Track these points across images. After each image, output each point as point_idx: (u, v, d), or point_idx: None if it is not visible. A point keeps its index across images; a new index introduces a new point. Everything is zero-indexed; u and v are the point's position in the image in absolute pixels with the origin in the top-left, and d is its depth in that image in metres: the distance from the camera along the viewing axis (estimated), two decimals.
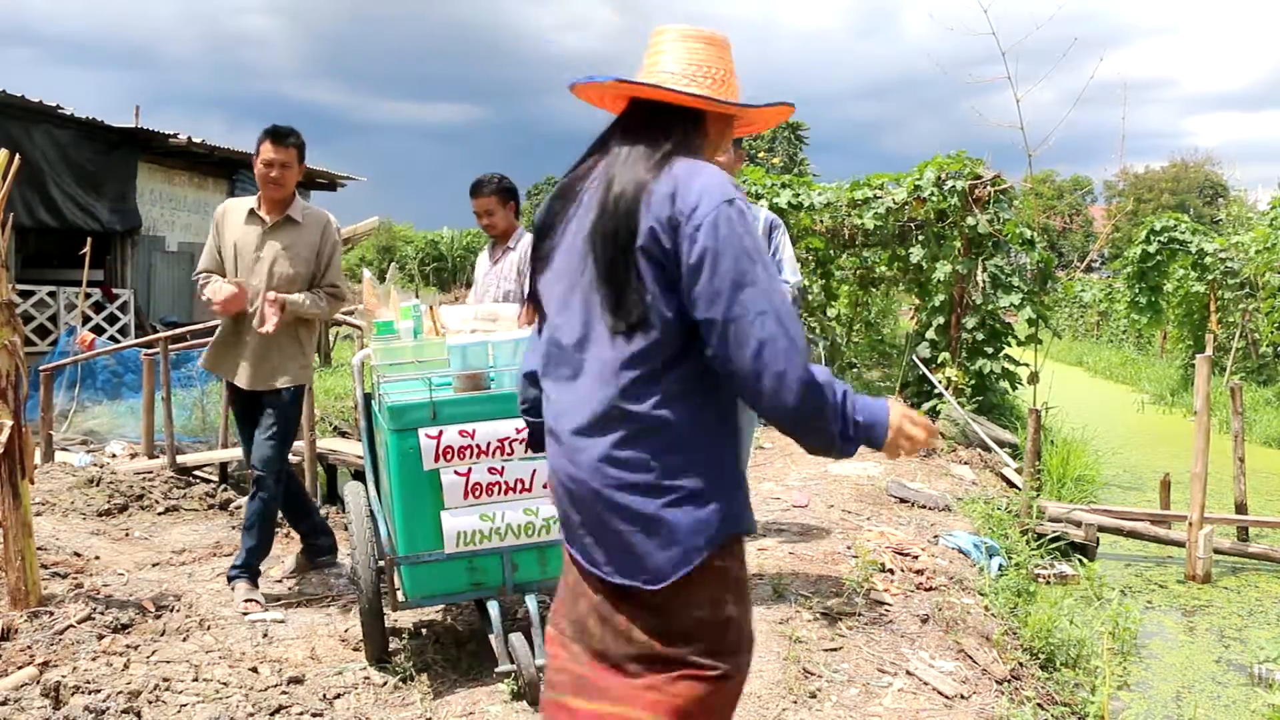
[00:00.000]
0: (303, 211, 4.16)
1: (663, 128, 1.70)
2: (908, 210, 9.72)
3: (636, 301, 1.59)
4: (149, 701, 2.96)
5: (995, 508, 6.19)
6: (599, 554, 1.68)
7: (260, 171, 4.03)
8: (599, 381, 1.65)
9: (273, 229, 4.09)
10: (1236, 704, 4.13)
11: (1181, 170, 48.88)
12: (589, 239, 1.66)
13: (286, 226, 4.11)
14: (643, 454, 1.63)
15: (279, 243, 4.08)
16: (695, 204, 1.57)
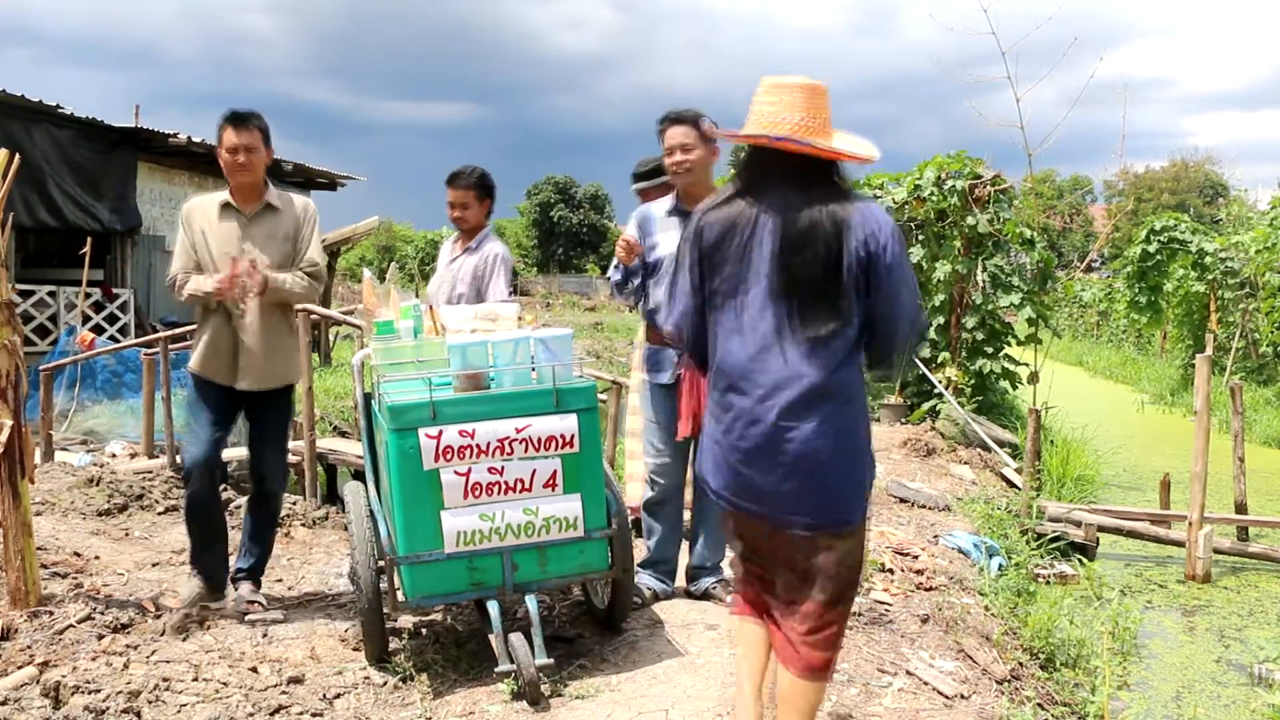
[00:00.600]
0: (279, 197, 3.92)
1: (822, 172, 2.26)
2: (908, 210, 9.73)
3: (843, 302, 2.17)
4: (149, 701, 2.96)
5: (995, 508, 6.19)
6: (796, 505, 2.22)
7: (226, 160, 3.79)
8: (807, 365, 2.18)
9: (253, 220, 3.84)
10: (1236, 704, 4.13)
11: (1182, 170, 48.89)
12: (783, 259, 2.20)
13: (267, 215, 3.87)
14: (847, 423, 2.22)
15: (263, 232, 3.84)
16: (882, 227, 2.21)
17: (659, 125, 3.81)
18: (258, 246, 3.81)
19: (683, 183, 3.77)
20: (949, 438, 8.16)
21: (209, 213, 3.84)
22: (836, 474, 2.21)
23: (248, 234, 3.81)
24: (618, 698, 3.07)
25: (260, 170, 3.84)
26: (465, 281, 4.31)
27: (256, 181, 3.84)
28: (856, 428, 2.25)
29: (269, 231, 3.85)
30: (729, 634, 3.59)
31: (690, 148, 3.71)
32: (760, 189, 2.28)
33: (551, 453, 3.23)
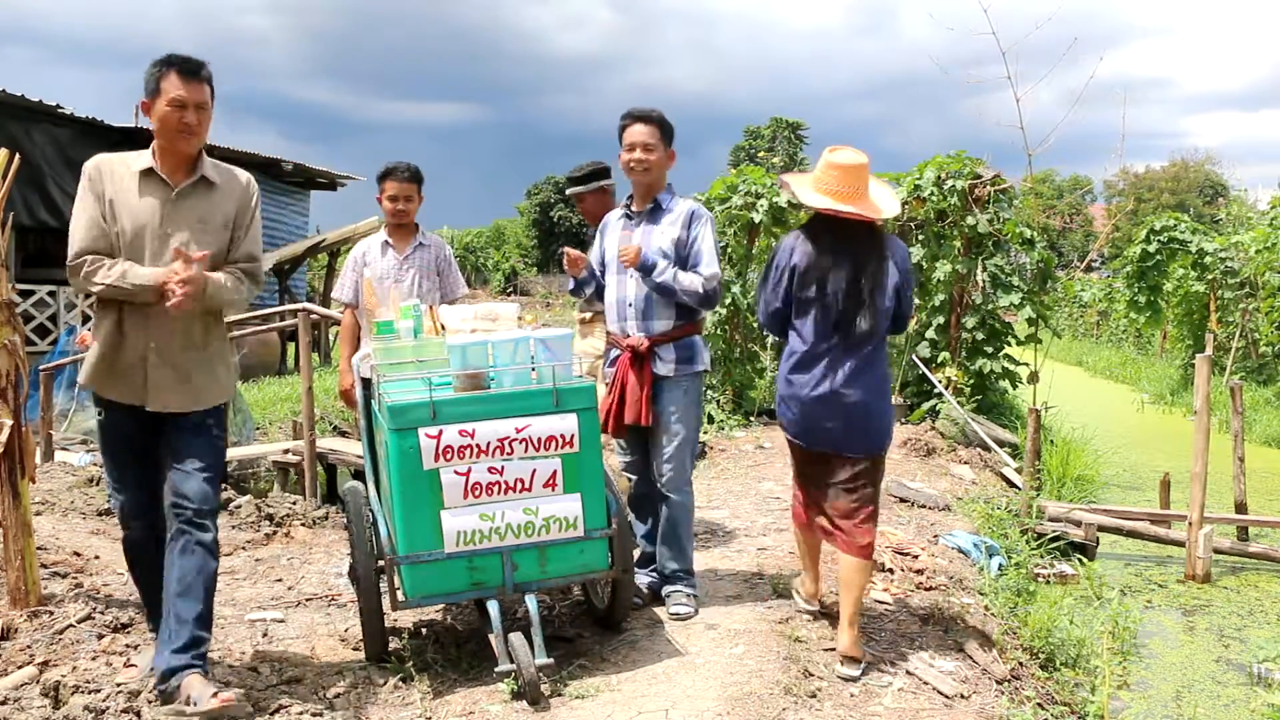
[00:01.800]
0: (216, 170, 3.14)
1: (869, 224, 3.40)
2: (908, 210, 9.72)
3: (885, 307, 3.37)
4: (148, 701, 2.96)
5: (995, 507, 6.19)
6: (851, 440, 3.41)
7: (166, 116, 2.96)
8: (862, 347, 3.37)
9: (181, 196, 3.03)
10: (1236, 703, 4.13)
11: (1181, 170, 48.88)
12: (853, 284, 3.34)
13: (200, 193, 3.07)
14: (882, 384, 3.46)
15: (194, 213, 3.04)
16: (903, 252, 3.46)
17: (621, 121, 3.81)
18: (185, 231, 3.00)
19: (640, 180, 3.79)
20: (949, 437, 8.16)
21: (122, 179, 3.01)
22: (876, 419, 3.43)
23: (173, 214, 3.00)
24: (618, 698, 3.07)
25: (205, 135, 3.07)
26: (429, 276, 4.42)
27: (196, 149, 3.07)
28: (885, 389, 3.49)
29: (201, 214, 3.05)
30: (729, 634, 3.59)
31: (652, 147, 3.74)
32: (830, 235, 3.39)
33: (551, 452, 3.23)
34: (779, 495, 6.07)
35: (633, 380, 3.75)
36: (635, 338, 3.77)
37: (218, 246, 3.06)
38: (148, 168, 3.01)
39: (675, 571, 3.87)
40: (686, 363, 3.79)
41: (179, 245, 2.94)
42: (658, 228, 3.79)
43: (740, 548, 4.83)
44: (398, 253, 4.43)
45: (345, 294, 4.53)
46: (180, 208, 3.03)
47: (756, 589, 4.13)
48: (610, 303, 3.88)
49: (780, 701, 3.02)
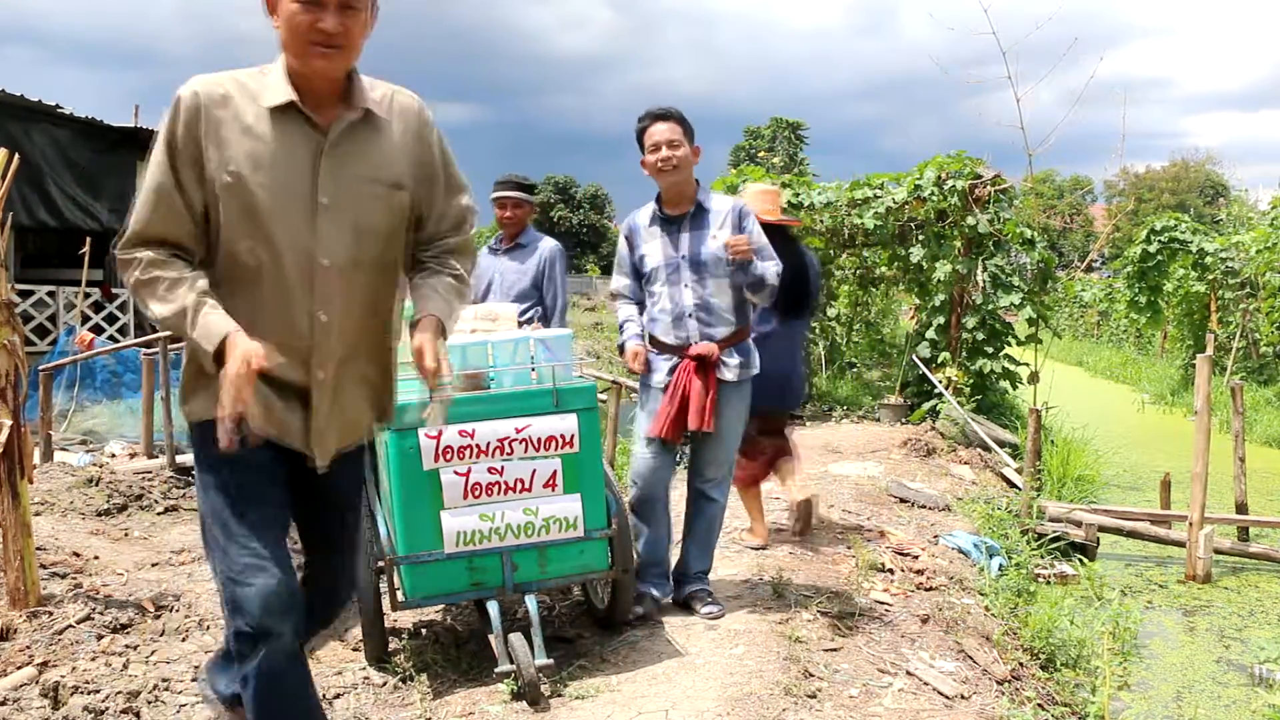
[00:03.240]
0: (374, 92, 2.08)
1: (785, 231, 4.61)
2: (908, 210, 9.72)
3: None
4: (148, 702, 2.95)
5: (995, 508, 6.19)
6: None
7: (293, 18, 1.93)
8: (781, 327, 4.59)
9: (338, 143, 2.01)
10: (1237, 704, 4.12)
11: (1182, 170, 48.90)
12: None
13: (363, 134, 2.04)
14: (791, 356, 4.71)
15: (358, 168, 2.04)
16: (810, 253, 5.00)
17: (640, 124, 3.68)
18: (349, 200, 2.01)
19: (670, 180, 3.65)
20: (949, 438, 8.15)
21: (245, 118, 1.96)
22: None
23: (329, 174, 1.99)
24: (617, 698, 3.06)
25: (358, 50, 2.00)
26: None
27: (345, 68, 2.00)
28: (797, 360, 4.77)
29: (369, 169, 2.04)
30: (729, 634, 3.58)
31: (677, 144, 3.61)
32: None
33: (551, 453, 3.23)
34: (779, 495, 6.06)
35: (698, 387, 3.65)
36: (703, 345, 3.66)
37: (392, 220, 2.07)
38: (286, 102, 1.95)
39: (699, 573, 3.88)
40: (746, 366, 3.76)
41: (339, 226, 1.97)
42: (708, 232, 3.66)
43: (740, 548, 4.83)
44: None
45: None
46: (338, 161, 1.99)
47: (756, 589, 4.12)
48: (662, 311, 3.73)
49: (780, 702, 3.02)
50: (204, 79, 1.98)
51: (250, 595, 1.98)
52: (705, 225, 3.68)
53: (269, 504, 2.08)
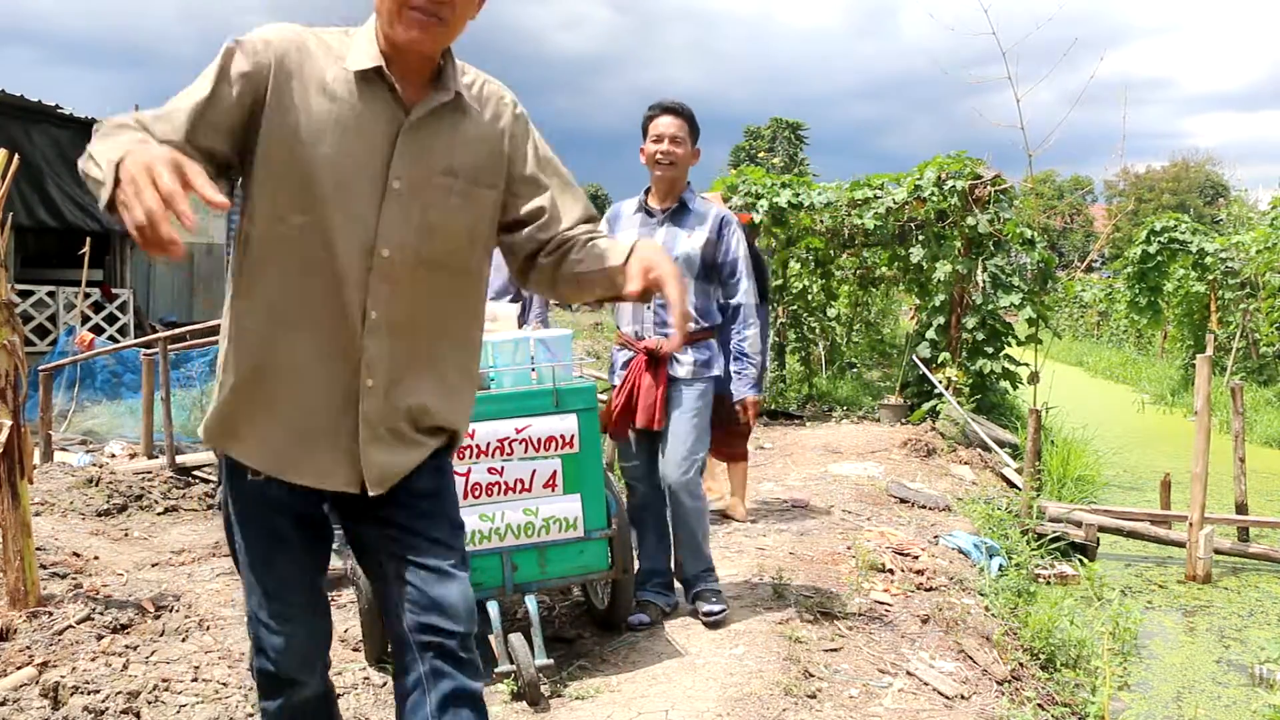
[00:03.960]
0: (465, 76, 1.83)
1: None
2: (908, 210, 9.72)
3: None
4: (148, 702, 2.95)
5: (995, 508, 6.19)
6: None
7: None
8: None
9: (420, 125, 1.74)
10: (1237, 704, 4.12)
11: (1182, 170, 48.93)
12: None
13: (449, 118, 1.78)
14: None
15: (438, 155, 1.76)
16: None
17: (649, 112, 3.68)
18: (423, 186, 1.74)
19: (665, 174, 3.65)
20: (949, 438, 8.15)
21: (327, 72, 1.70)
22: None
23: (405, 154, 1.72)
24: (617, 698, 3.06)
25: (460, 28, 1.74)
26: None
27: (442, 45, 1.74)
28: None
29: (452, 158, 1.77)
30: (729, 634, 3.58)
31: (680, 140, 3.62)
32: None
33: (551, 453, 3.23)
34: (778, 495, 6.07)
35: (647, 382, 3.64)
36: (652, 340, 3.66)
37: (471, 220, 1.80)
38: (373, 67, 1.70)
39: (698, 574, 3.80)
40: (704, 365, 3.70)
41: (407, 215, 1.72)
42: (684, 230, 3.67)
43: (740, 548, 4.83)
44: None
45: None
46: (419, 143, 1.73)
47: (756, 589, 4.12)
48: (625, 305, 3.71)
49: (780, 702, 3.02)
50: (281, 25, 1.73)
51: (277, 644, 1.85)
52: (684, 224, 3.69)
53: (301, 549, 1.85)
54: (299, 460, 1.74)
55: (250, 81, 1.65)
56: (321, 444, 1.73)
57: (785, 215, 10.13)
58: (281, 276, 1.70)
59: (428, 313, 1.79)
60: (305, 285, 1.70)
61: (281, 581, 1.83)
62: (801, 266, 11.26)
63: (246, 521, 1.82)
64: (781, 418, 9.96)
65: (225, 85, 1.63)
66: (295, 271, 1.69)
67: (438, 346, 1.82)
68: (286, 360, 1.71)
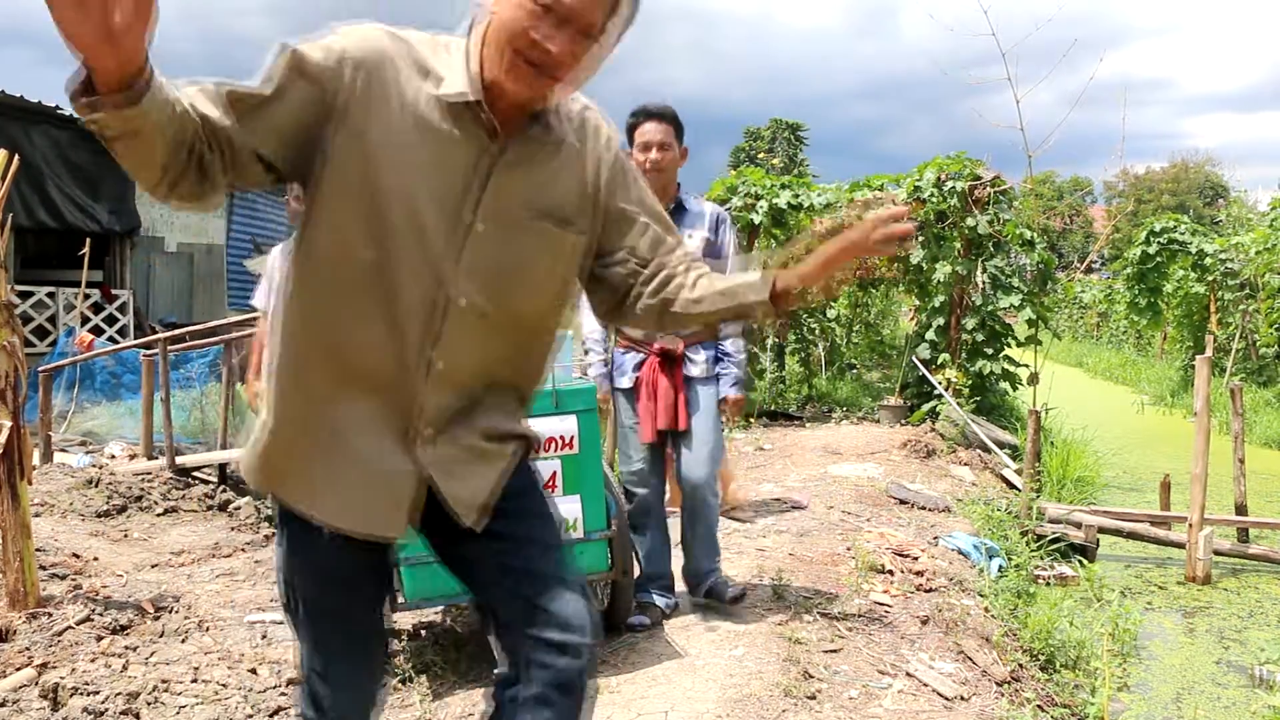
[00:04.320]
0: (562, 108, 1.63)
1: None
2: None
3: None
4: (148, 703, 2.95)
5: (995, 509, 6.19)
6: None
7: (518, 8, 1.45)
8: None
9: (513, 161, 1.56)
10: (1236, 705, 4.12)
11: (1181, 171, 48.94)
12: None
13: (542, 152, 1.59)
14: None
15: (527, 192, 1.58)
16: None
17: (631, 119, 3.58)
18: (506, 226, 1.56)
19: (654, 181, 3.49)
20: (949, 439, 8.16)
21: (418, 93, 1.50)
22: None
23: (493, 189, 1.54)
24: (617, 699, 3.06)
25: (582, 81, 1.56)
26: None
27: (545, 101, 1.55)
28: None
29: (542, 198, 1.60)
30: (729, 635, 3.58)
31: (667, 146, 3.55)
32: None
33: (550, 454, 3.23)
34: (778, 496, 6.07)
35: (664, 384, 3.66)
36: (666, 340, 3.65)
37: (554, 266, 1.64)
38: (464, 98, 1.49)
39: (713, 565, 3.89)
40: (713, 363, 3.74)
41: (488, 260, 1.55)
42: (684, 231, 3.63)
43: (740, 549, 4.83)
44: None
45: (260, 300, 4.18)
46: (510, 182, 1.56)
47: (756, 590, 4.12)
48: None
49: (780, 703, 3.02)
50: (365, 29, 1.51)
51: (338, 703, 1.72)
52: (684, 225, 3.65)
53: (366, 603, 1.73)
54: (353, 507, 1.58)
55: (317, 92, 1.44)
56: (379, 490, 1.58)
57: (785, 216, 10.13)
58: (340, 313, 1.53)
59: (500, 364, 1.64)
60: (369, 322, 1.52)
61: (347, 641, 1.71)
62: None
63: (306, 575, 1.69)
64: (781, 419, 9.96)
65: (285, 90, 1.43)
66: (356, 310, 1.52)
67: (506, 393, 1.68)
68: (340, 405, 1.55)
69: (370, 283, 1.51)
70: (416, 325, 1.53)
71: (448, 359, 1.55)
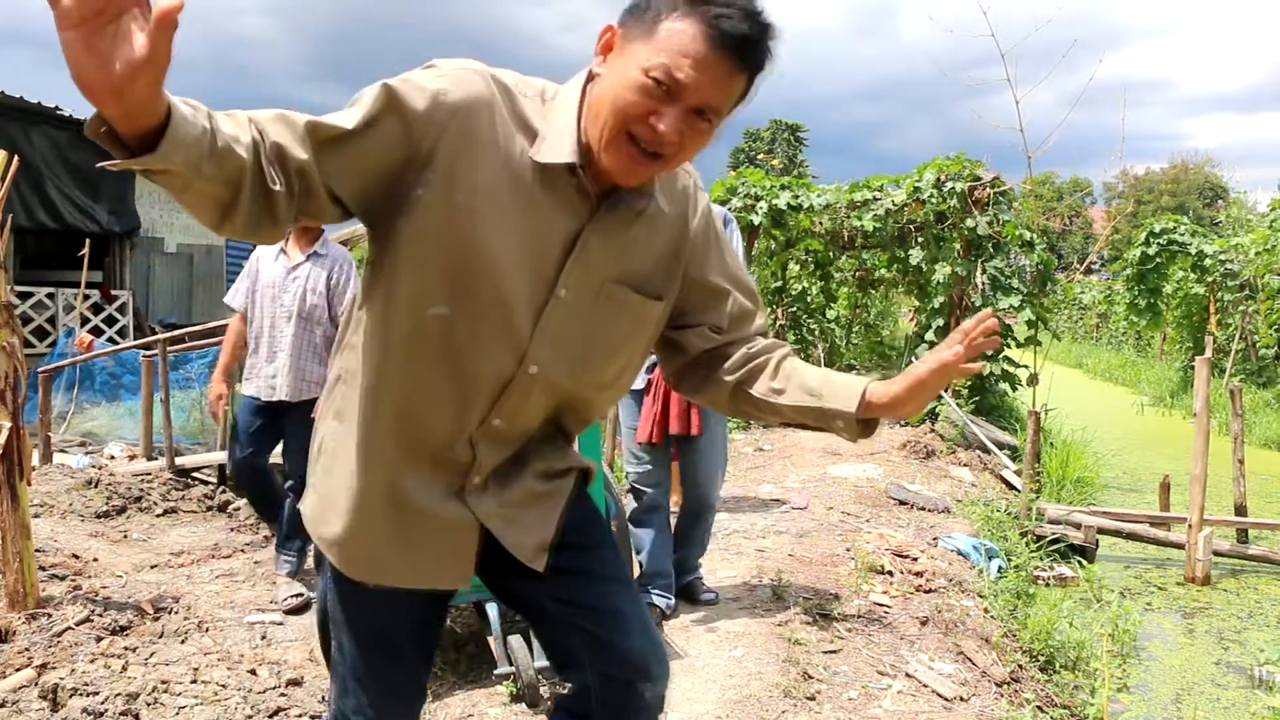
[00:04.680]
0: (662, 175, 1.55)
1: None
2: (907, 212, 9.73)
3: None
4: (147, 704, 2.95)
5: (994, 510, 6.19)
6: None
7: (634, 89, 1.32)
8: None
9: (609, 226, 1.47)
10: (1236, 706, 4.12)
11: (1181, 172, 48.95)
12: None
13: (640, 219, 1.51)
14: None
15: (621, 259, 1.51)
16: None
17: None
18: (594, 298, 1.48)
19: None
20: (948, 440, 8.16)
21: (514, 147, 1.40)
22: None
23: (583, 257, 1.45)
24: None
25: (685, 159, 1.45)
26: (315, 290, 4.04)
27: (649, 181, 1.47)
28: None
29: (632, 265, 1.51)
30: (728, 636, 3.58)
31: None
32: None
33: None
34: (778, 497, 6.07)
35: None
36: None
37: (632, 335, 1.55)
38: (569, 164, 1.39)
39: (696, 563, 4.03)
40: None
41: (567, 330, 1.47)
42: None
43: (739, 550, 4.83)
44: (289, 260, 4.06)
45: (236, 300, 4.17)
46: (598, 249, 1.46)
47: (755, 591, 4.12)
48: None
49: (779, 704, 3.02)
50: (467, 69, 1.39)
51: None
52: None
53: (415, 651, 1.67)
54: (424, 565, 1.53)
55: (406, 135, 1.33)
56: (445, 544, 1.53)
57: (784, 217, 10.13)
58: (412, 370, 1.45)
59: (560, 420, 1.59)
60: (431, 384, 1.46)
61: (389, 689, 1.64)
62: (801, 268, 11.27)
63: (354, 626, 1.61)
64: None
65: (372, 128, 1.31)
66: (427, 369, 1.45)
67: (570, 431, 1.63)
68: (403, 464, 1.49)
69: (444, 343, 1.43)
70: (483, 389, 1.46)
71: (506, 419, 1.50)
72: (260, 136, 1.22)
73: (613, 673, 1.58)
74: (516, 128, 1.40)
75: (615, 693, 1.58)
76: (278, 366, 4.05)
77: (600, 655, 1.58)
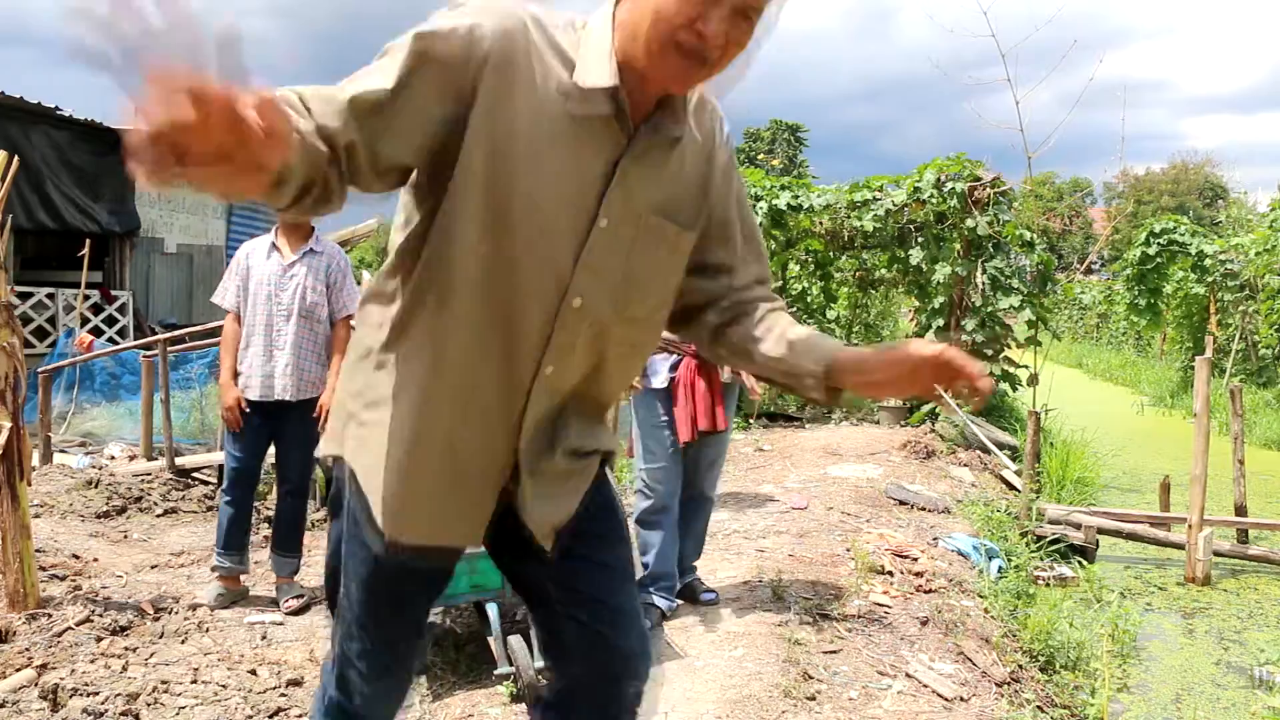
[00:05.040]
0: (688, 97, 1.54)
1: None
2: (907, 212, 9.73)
3: None
4: (147, 704, 2.95)
5: (995, 510, 6.19)
6: None
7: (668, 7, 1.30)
8: None
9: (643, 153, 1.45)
10: (1236, 706, 4.12)
11: (1181, 172, 48.93)
12: None
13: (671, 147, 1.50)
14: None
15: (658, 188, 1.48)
16: None
17: None
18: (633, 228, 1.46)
19: None
20: (948, 440, 8.16)
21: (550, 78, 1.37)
22: None
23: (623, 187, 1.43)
24: None
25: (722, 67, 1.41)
26: (315, 288, 4.02)
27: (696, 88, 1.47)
28: None
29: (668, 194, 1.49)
30: (728, 636, 3.58)
31: None
32: None
33: None
34: (778, 498, 6.07)
35: (703, 387, 3.77)
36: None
37: (669, 267, 1.54)
38: (609, 87, 1.36)
39: (693, 565, 4.07)
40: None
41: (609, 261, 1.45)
42: None
43: (739, 550, 4.83)
44: (283, 257, 4.02)
45: (227, 300, 4.11)
46: (636, 177, 1.44)
47: (755, 591, 4.12)
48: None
49: (779, 704, 3.02)
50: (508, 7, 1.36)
51: (368, 693, 1.69)
52: None
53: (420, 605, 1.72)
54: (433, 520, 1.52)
55: (451, 78, 1.30)
56: (464, 503, 1.52)
57: (784, 217, 10.13)
58: (453, 313, 1.41)
59: (606, 368, 1.54)
60: (478, 331, 1.42)
61: (391, 638, 1.65)
62: (801, 269, 11.27)
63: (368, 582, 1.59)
64: (781, 419, 9.96)
65: (410, 82, 1.27)
66: (468, 311, 1.41)
67: (602, 396, 1.59)
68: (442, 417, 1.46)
69: (487, 285, 1.40)
70: (530, 330, 1.42)
71: (556, 364, 1.46)
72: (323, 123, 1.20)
73: (602, 667, 1.60)
74: (552, 55, 1.37)
75: (600, 686, 1.60)
76: (277, 366, 4.03)
77: (593, 648, 1.59)
